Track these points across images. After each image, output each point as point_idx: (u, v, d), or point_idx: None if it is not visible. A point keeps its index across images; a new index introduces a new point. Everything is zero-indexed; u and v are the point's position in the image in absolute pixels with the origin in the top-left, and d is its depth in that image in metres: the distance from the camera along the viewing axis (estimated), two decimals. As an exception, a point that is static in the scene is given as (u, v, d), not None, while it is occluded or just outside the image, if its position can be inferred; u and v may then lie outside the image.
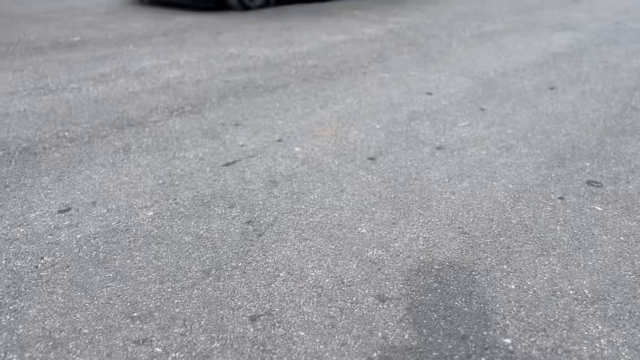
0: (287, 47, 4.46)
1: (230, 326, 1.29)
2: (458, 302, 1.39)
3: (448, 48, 4.54)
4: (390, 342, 1.25)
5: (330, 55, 4.24)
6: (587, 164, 2.26)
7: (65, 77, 3.45)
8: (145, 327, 1.29)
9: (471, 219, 1.80)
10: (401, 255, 1.59)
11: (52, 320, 1.30)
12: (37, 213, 1.81)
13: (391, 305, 1.37)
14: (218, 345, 1.23)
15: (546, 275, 1.51)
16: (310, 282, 1.46)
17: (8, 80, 3.34)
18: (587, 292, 1.44)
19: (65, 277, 1.46)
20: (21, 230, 1.70)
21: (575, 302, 1.40)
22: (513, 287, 1.46)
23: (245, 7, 6.25)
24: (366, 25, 5.53)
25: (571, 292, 1.44)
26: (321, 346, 1.24)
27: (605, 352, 1.24)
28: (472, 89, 3.36)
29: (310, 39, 4.82)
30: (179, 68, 3.75)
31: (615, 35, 5.11)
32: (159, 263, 1.53)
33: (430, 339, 1.26)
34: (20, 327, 1.28)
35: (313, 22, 5.68)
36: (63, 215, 1.79)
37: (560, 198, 1.96)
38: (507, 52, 4.40)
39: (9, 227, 1.71)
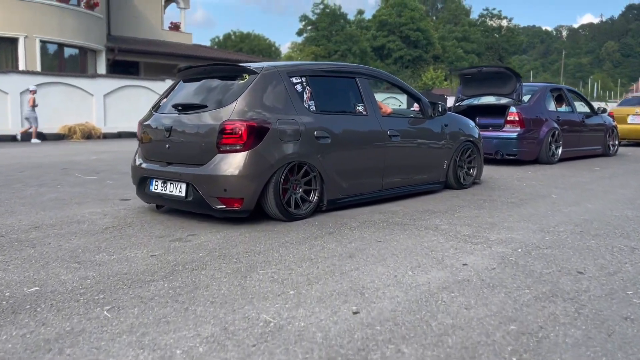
0: (356, 303, 2.73)
1: None
2: None
3: (631, 307, 2.71)
4: None
5: (434, 324, 2.46)
6: None
7: None
8: None
9: None
10: None
11: None
12: None
13: None
14: None
15: None
16: None
17: None
18: None
19: None
20: None
21: None
22: None
23: (290, 217, 4.72)
24: (462, 247, 3.83)
25: None
26: None
27: None
28: None
29: (389, 280, 3.10)
30: (169, 377, 2.00)
31: None
32: None
33: None
34: None
35: (383, 241, 4.03)
36: None
37: None
38: None
39: None
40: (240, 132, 4.48)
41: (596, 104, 14.54)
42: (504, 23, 72.16)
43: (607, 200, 5.79)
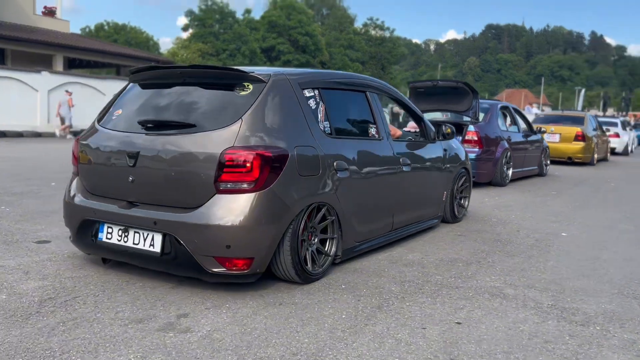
0: None
1: None
2: None
3: None
4: None
5: None
6: None
7: None
8: None
9: None
10: None
11: None
12: None
13: None
14: None
15: None
16: None
17: None
18: None
19: None
20: None
21: None
22: None
23: (307, 279, 3.48)
24: (580, 334, 2.89)
25: None
26: None
27: None
28: None
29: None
30: None
31: None
32: None
33: None
34: None
35: (463, 323, 2.97)
36: None
37: None
38: None
39: None
40: (249, 165, 3.17)
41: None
42: (387, 34, 74.38)
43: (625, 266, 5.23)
